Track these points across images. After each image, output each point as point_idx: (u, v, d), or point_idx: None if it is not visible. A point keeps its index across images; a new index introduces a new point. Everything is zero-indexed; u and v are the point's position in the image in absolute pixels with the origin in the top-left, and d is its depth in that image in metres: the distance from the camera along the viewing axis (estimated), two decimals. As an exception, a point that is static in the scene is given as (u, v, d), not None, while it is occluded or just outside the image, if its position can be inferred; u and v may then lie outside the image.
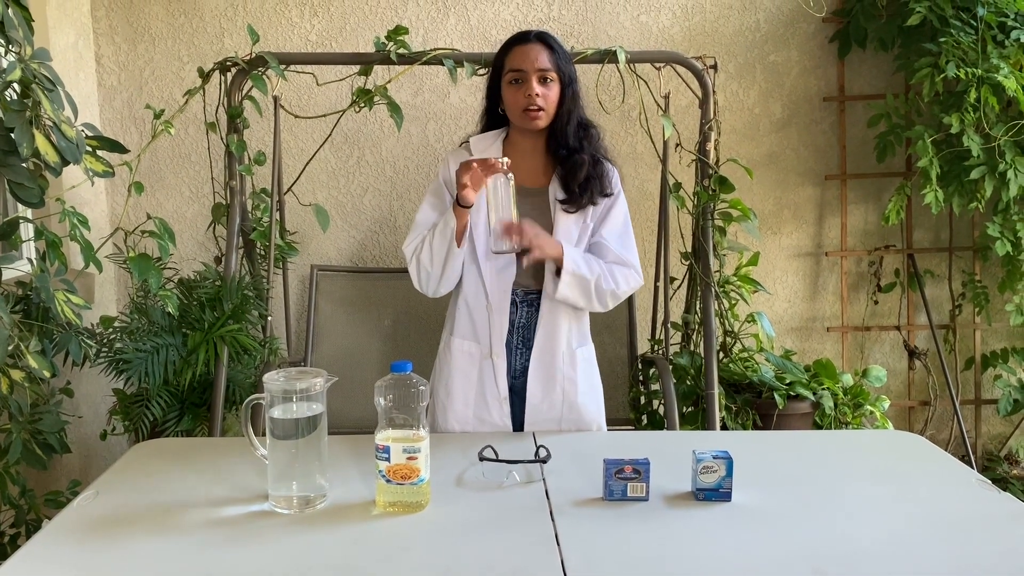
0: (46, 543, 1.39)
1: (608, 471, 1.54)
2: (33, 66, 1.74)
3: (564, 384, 2.04)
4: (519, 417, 2.05)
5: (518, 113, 1.96)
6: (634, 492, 1.54)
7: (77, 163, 1.84)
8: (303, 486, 1.51)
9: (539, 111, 1.94)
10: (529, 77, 1.93)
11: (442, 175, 2.05)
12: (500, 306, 2.00)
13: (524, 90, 1.93)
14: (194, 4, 3.21)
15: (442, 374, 2.10)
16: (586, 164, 1.98)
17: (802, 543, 1.37)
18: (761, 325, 2.95)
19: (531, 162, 2.04)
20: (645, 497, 1.54)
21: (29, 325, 1.95)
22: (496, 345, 2.01)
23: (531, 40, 1.96)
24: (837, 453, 1.83)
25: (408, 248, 2.02)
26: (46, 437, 2.00)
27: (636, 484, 1.54)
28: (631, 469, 1.54)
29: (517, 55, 1.95)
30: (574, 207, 1.99)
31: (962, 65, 2.92)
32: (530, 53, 1.94)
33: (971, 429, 3.52)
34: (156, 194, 3.28)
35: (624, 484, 1.54)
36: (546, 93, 1.94)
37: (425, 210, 2.05)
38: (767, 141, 3.42)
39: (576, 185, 1.98)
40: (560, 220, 1.99)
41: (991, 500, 1.56)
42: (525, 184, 2.01)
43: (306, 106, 3.23)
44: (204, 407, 2.65)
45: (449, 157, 2.06)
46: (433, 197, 2.05)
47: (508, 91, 1.97)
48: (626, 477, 1.54)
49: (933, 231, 3.50)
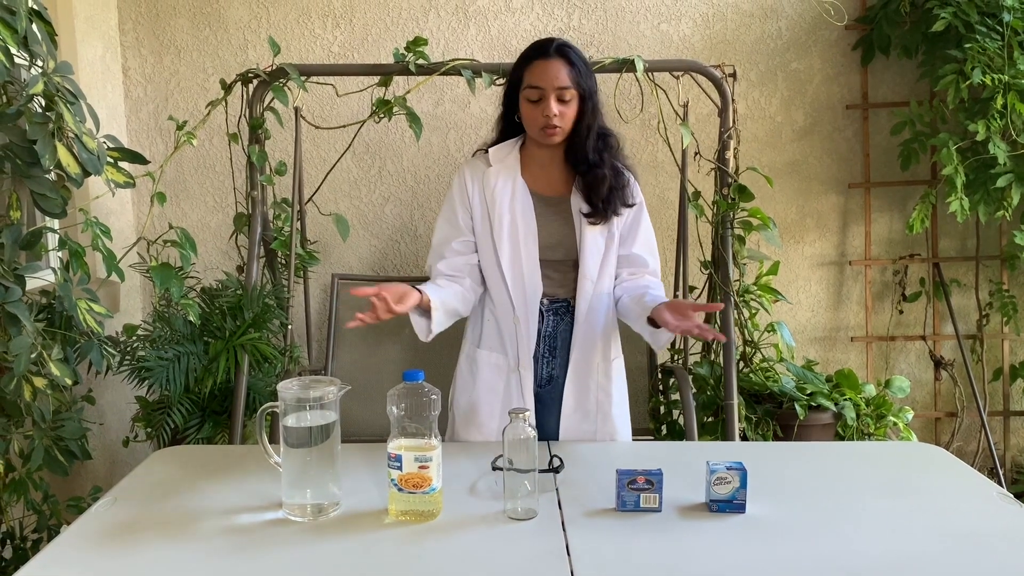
0: (64, 549, 1.41)
1: (621, 482, 1.53)
2: (56, 80, 1.78)
3: (598, 395, 2.05)
4: (546, 426, 2.04)
5: (536, 130, 1.94)
6: (647, 503, 1.53)
7: (98, 174, 1.87)
8: (316, 494, 1.52)
9: (556, 129, 1.91)
10: (548, 96, 1.89)
11: (456, 187, 2.05)
12: (528, 318, 1.99)
13: (542, 108, 1.90)
14: (219, 17, 3.26)
15: (466, 385, 2.09)
16: (608, 179, 1.97)
17: (816, 557, 1.36)
18: (781, 335, 2.92)
19: (550, 172, 2.03)
20: (658, 508, 1.53)
21: (52, 333, 1.98)
22: (524, 357, 2.00)
23: (551, 55, 1.91)
24: (855, 465, 1.81)
25: (430, 272, 2.05)
26: (68, 444, 2.03)
27: (649, 495, 1.53)
28: (644, 480, 1.53)
29: (536, 71, 1.91)
30: (599, 219, 1.98)
31: (988, 71, 2.88)
32: (549, 70, 1.90)
33: (999, 441, 3.45)
34: (181, 204, 3.33)
35: (637, 495, 1.53)
36: (564, 111, 1.91)
37: (442, 227, 2.05)
38: (789, 149, 3.39)
39: (599, 200, 1.97)
40: (587, 232, 1.98)
41: (1012, 514, 1.53)
42: (546, 194, 2.01)
43: (328, 117, 3.26)
44: (225, 415, 2.67)
45: (465, 168, 2.06)
46: (448, 212, 2.05)
47: (526, 107, 1.94)
48: (639, 488, 1.53)
49: (959, 240, 3.45)
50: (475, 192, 2.01)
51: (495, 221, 1.98)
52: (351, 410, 2.42)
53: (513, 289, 1.98)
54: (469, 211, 2.02)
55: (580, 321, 2.00)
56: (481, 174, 2.02)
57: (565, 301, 2.02)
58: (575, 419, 2.04)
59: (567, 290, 2.02)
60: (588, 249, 1.98)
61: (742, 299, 2.91)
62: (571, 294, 2.01)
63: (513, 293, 1.98)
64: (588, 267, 1.98)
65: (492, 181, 2.00)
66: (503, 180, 1.99)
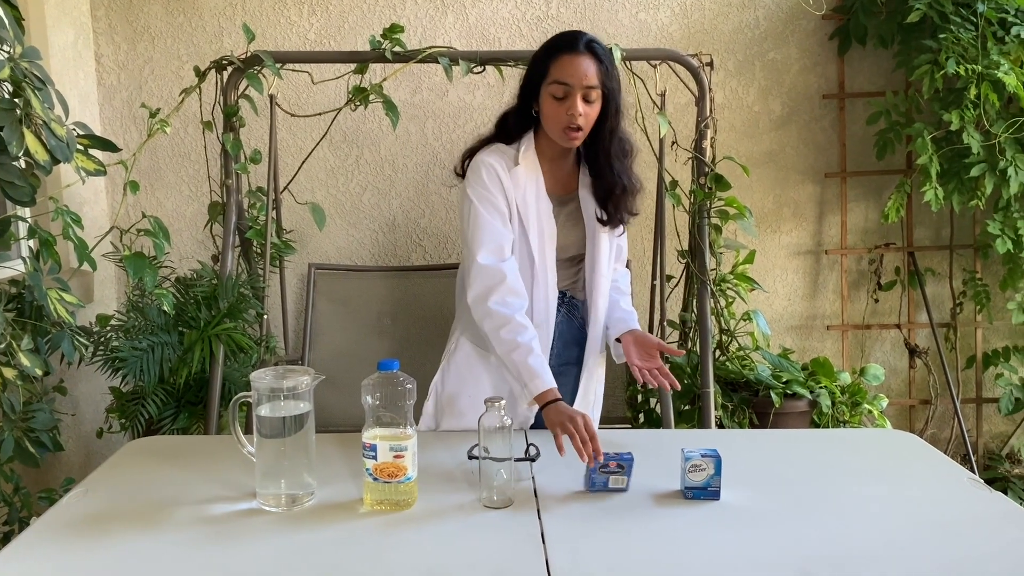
0: (33, 541, 1.39)
1: (594, 468, 1.55)
2: (23, 65, 1.75)
3: (597, 387, 2.07)
4: None
5: (557, 130, 1.84)
6: (615, 484, 1.56)
7: (68, 162, 1.84)
8: (291, 484, 1.51)
9: (579, 131, 1.83)
10: (574, 93, 1.79)
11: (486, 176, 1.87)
12: (546, 319, 1.92)
13: (567, 107, 1.80)
14: (193, 3, 3.21)
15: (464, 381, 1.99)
16: (630, 192, 1.94)
17: (790, 543, 1.37)
18: (757, 323, 2.94)
19: (560, 166, 1.96)
20: (625, 488, 1.56)
21: (22, 323, 1.96)
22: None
23: (581, 50, 1.80)
24: (829, 452, 1.82)
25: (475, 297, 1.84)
26: (39, 435, 2.01)
27: (618, 477, 1.56)
28: (615, 464, 1.55)
29: (565, 65, 1.80)
30: (611, 225, 1.96)
31: (962, 62, 2.90)
32: (580, 66, 1.79)
33: (972, 428, 3.50)
34: (156, 192, 3.29)
35: (606, 477, 1.56)
36: (588, 112, 1.82)
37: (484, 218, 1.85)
38: (767, 139, 3.40)
39: (613, 207, 1.93)
40: (598, 231, 1.94)
41: (983, 500, 1.55)
42: (556, 192, 1.94)
43: (304, 105, 3.23)
44: (200, 405, 2.65)
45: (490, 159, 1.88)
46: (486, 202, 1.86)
47: (549, 103, 1.83)
48: (610, 472, 1.55)
49: (934, 229, 3.48)
50: (509, 186, 1.88)
51: (528, 223, 1.88)
52: (327, 400, 2.41)
53: (535, 291, 1.91)
54: (505, 200, 1.88)
55: (594, 318, 1.97)
56: (508, 171, 1.88)
57: (571, 296, 2.00)
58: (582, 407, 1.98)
59: (573, 285, 1.99)
60: (600, 248, 1.95)
61: (719, 288, 2.92)
62: (577, 289, 2.00)
63: (535, 295, 1.91)
64: (600, 264, 1.95)
65: (522, 181, 1.89)
66: (528, 181, 1.89)
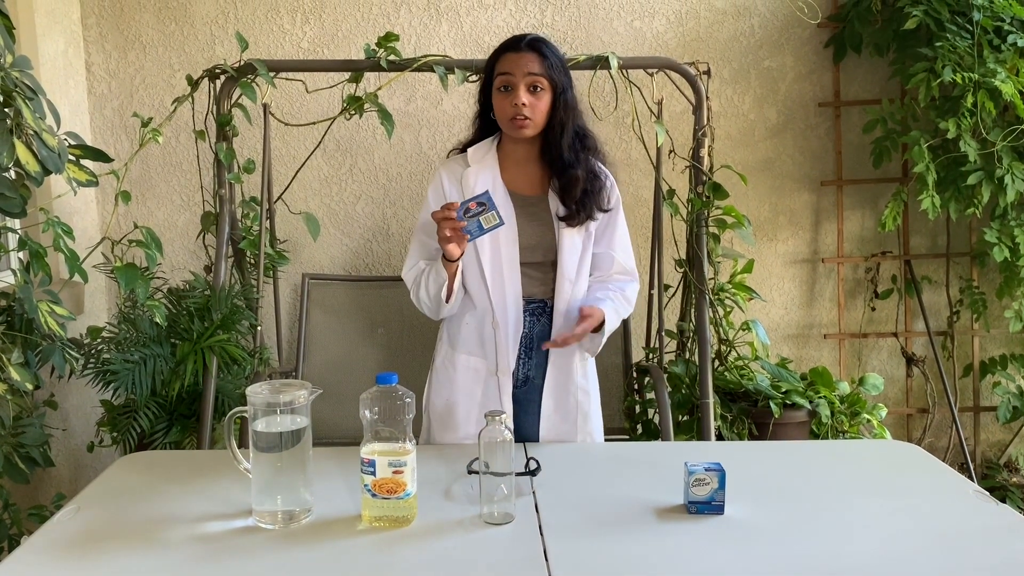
0: (24, 560, 1.36)
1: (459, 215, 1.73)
2: (14, 74, 1.72)
3: (578, 395, 2.03)
4: (523, 428, 2.00)
5: (506, 121, 1.91)
6: (488, 223, 1.68)
7: (59, 172, 1.81)
8: (287, 500, 1.48)
9: (526, 120, 1.88)
10: (517, 84, 1.87)
11: (432, 194, 1.99)
12: (507, 321, 1.95)
13: (512, 98, 1.87)
14: (185, 12, 3.19)
15: (442, 388, 2.04)
16: (581, 181, 1.94)
17: (795, 558, 1.35)
18: (756, 333, 2.92)
19: (526, 169, 2.00)
20: (500, 223, 1.72)
21: (12, 336, 1.92)
22: (503, 361, 1.97)
23: (522, 48, 1.90)
24: (831, 464, 1.80)
25: (407, 277, 1.98)
26: (29, 450, 1.97)
27: (487, 216, 1.68)
28: (475, 205, 1.67)
29: (507, 61, 1.90)
30: (574, 223, 1.96)
31: (958, 70, 2.89)
32: (520, 60, 1.88)
33: (970, 436, 3.49)
34: (147, 202, 3.25)
35: (476, 221, 1.65)
36: (535, 102, 1.88)
37: (419, 237, 2.00)
38: (762, 147, 3.39)
39: (572, 202, 1.94)
40: (564, 233, 1.96)
41: (988, 512, 1.53)
42: (523, 192, 1.98)
43: (297, 114, 3.21)
44: (193, 418, 2.62)
45: (440, 171, 2.01)
46: (425, 221, 1.96)
47: (497, 98, 1.91)
48: (475, 214, 1.64)
49: (930, 237, 3.47)
50: (453, 195, 1.96)
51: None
52: (323, 412, 2.38)
53: (493, 292, 1.94)
54: None
55: (559, 322, 1.97)
56: (459, 175, 1.98)
57: (542, 301, 1.99)
58: (555, 420, 2.01)
59: (544, 290, 1.99)
60: (566, 250, 1.95)
61: (717, 297, 2.90)
62: (548, 294, 1.99)
63: (493, 296, 1.94)
64: (567, 268, 1.96)
65: (472, 181, 1.95)
66: (483, 180, 1.94)
